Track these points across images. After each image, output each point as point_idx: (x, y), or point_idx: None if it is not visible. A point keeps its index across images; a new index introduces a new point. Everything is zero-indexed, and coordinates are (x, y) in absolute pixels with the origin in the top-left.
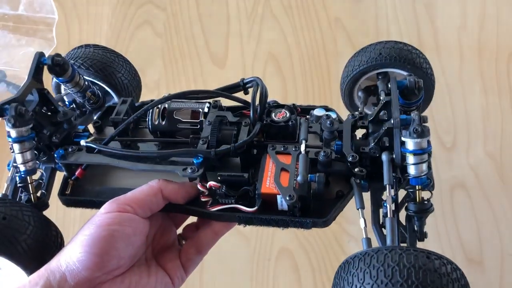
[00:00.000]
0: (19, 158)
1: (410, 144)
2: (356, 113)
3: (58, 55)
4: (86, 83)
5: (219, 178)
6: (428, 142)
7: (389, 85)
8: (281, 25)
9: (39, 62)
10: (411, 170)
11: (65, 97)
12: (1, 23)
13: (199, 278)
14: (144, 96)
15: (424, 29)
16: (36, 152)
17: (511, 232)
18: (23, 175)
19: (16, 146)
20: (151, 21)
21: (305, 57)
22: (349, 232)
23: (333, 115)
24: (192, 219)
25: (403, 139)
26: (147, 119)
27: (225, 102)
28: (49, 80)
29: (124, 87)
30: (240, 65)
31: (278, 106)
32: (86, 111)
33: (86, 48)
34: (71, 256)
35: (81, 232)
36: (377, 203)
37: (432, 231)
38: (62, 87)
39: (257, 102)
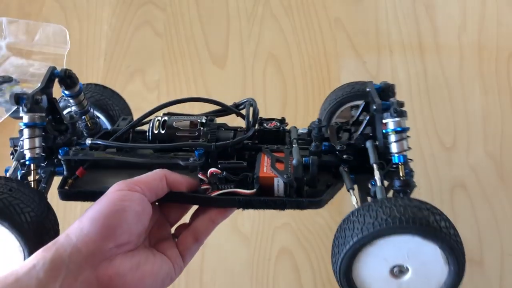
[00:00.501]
0: (26, 144)
1: (391, 124)
2: (339, 122)
3: (69, 70)
4: (89, 107)
5: (219, 166)
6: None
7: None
8: (281, 25)
9: (52, 74)
10: (394, 148)
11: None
12: (15, 51)
13: (199, 278)
14: (145, 96)
15: (424, 29)
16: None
17: (511, 232)
18: (27, 162)
19: (26, 131)
20: (151, 21)
21: (305, 57)
22: None
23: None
24: (184, 220)
25: (384, 121)
26: (147, 131)
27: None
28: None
29: (118, 117)
30: (240, 65)
31: (268, 119)
32: (82, 133)
33: (86, 85)
34: (82, 229)
35: (91, 208)
36: (364, 191)
37: None
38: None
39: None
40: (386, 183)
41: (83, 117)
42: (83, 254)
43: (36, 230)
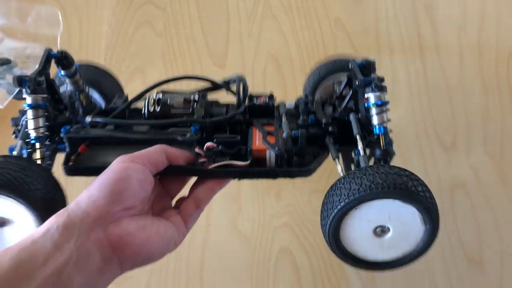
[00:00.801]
0: (31, 124)
1: (372, 98)
2: (323, 96)
3: (65, 51)
4: (84, 86)
5: (215, 140)
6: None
7: (350, 65)
8: (281, 25)
9: (49, 55)
10: (375, 120)
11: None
12: (9, 33)
13: (199, 278)
14: (145, 96)
15: (424, 29)
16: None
17: (511, 232)
18: (33, 141)
19: (30, 112)
20: (151, 21)
21: (305, 57)
22: None
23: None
24: (182, 193)
25: (366, 95)
26: (143, 108)
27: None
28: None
29: (112, 96)
30: (240, 65)
31: (258, 95)
32: (78, 112)
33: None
34: (90, 196)
35: (97, 179)
36: (349, 160)
37: None
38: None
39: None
40: (368, 152)
41: (79, 95)
42: (93, 217)
43: (48, 204)
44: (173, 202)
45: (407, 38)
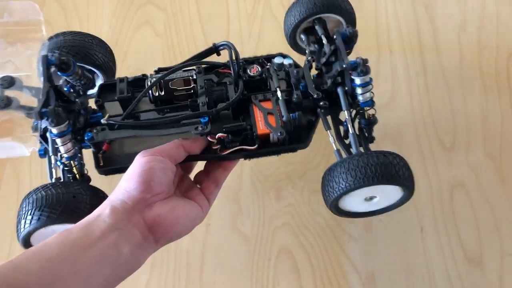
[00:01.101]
0: (62, 149)
1: (358, 80)
2: (309, 58)
3: (62, 55)
4: (80, 71)
5: (224, 129)
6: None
7: (333, 36)
8: (281, 25)
9: (47, 64)
10: (360, 98)
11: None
12: None
13: (199, 278)
14: None
15: (424, 29)
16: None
17: (511, 232)
18: (67, 161)
19: (58, 140)
20: (151, 21)
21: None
22: (349, 232)
23: (290, 61)
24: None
25: (352, 77)
26: (148, 94)
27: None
28: None
29: (101, 61)
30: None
31: (249, 62)
32: (79, 92)
33: (64, 36)
34: (125, 188)
35: (126, 174)
36: (337, 123)
37: (432, 230)
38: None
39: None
40: (354, 114)
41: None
42: (130, 205)
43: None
44: (192, 177)
45: (407, 37)
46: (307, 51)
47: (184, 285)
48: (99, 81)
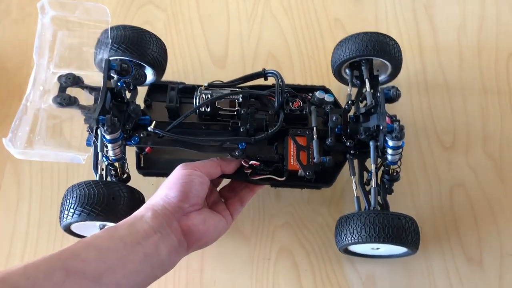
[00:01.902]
0: (111, 153)
1: (391, 143)
2: (349, 102)
3: (124, 61)
4: (136, 72)
5: (258, 158)
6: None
7: (378, 93)
8: (281, 25)
9: (109, 68)
10: (389, 157)
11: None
12: (61, 24)
13: (199, 278)
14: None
15: (423, 29)
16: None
17: (511, 232)
18: (113, 162)
19: (109, 145)
20: (151, 22)
21: (305, 57)
22: None
23: (331, 98)
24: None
25: (386, 138)
26: (195, 109)
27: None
28: None
29: (156, 60)
30: (240, 65)
31: (292, 95)
32: (130, 86)
33: (124, 30)
34: (166, 195)
35: (167, 181)
36: (362, 169)
37: (431, 230)
38: None
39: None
40: (379, 163)
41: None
42: (170, 211)
43: (128, 215)
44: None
45: (407, 38)
46: (348, 90)
47: (184, 285)
48: (149, 74)
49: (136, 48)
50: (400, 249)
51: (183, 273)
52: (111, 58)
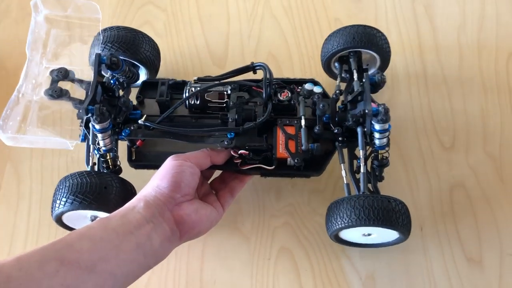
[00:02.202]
0: (101, 143)
1: (377, 126)
2: (337, 91)
3: (113, 55)
4: (127, 68)
5: (246, 147)
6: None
7: (364, 80)
8: (281, 25)
9: (100, 62)
10: (377, 142)
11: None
12: (54, 23)
13: (199, 277)
14: None
15: (423, 29)
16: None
17: (510, 232)
18: (103, 152)
19: (99, 135)
20: (151, 22)
21: (305, 57)
22: None
23: (320, 89)
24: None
25: (372, 122)
26: (184, 101)
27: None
28: None
29: (148, 59)
30: (240, 65)
31: (281, 86)
32: (124, 84)
33: (118, 30)
34: (158, 185)
35: (159, 172)
36: (352, 157)
37: (431, 230)
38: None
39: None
40: (369, 151)
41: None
42: (162, 201)
43: (121, 205)
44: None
45: (407, 38)
46: (337, 82)
47: (184, 285)
48: (142, 74)
49: (128, 46)
50: (392, 235)
51: (183, 273)
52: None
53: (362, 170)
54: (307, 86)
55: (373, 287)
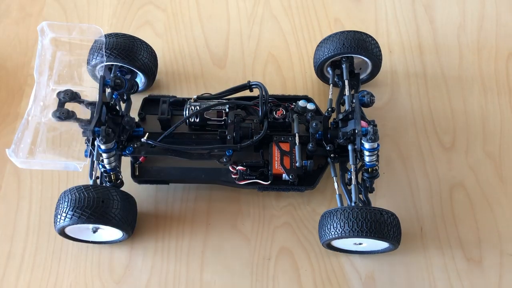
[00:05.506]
0: (106, 162)
1: (367, 145)
2: (329, 109)
3: (118, 77)
4: (129, 83)
5: (244, 163)
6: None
7: (353, 101)
8: (281, 25)
9: (104, 84)
10: (366, 159)
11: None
12: (59, 45)
13: (199, 277)
14: (146, 96)
15: (423, 29)
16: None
17: (510, 232)
18: (108, 171)
19: (104, 155)
20: (151, 22)
21: (305, 58)
22: None
23: (313, 106)
24: None
25: (362, 141)
26: (185, 120)
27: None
28: None
29: (146, 66)
30: (240, 65)
31: (276, 104)
32: (124, 96)
33: (116, 38)
34: None
35: None
36: (344, 170)
37: (431, 230)
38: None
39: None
40: (359, 165)
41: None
42: None
43: (124, 219)
44: None
45: (407, 38)
46: (329, 88)
47: (184, 285)
48: (140, 81)
49: (127, 54)
50: (382, 245)
51: (183, 273)
52: (104, 69)
53: (353, 182)
54: (301, 103)
55: (373, 287)
